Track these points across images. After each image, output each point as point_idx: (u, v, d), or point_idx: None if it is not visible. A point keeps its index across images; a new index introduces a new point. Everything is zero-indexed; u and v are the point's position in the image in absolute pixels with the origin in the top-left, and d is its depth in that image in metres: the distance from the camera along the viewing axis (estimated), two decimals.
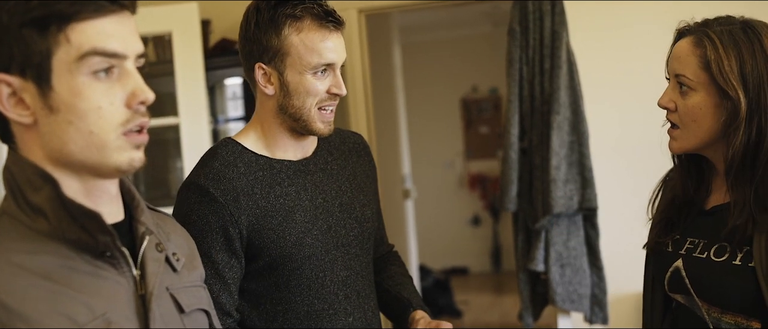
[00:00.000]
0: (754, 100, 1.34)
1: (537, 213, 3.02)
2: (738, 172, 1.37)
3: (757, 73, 1.34)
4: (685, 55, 1.41)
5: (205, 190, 1.48)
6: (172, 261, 1.14)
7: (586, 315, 3.10)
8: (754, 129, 1.34)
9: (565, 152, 2.96)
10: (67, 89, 0.97)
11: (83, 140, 0.98)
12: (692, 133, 1.43)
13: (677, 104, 1.44)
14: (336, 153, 1.69)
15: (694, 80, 1.39)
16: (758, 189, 1.35)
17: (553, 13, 2.99)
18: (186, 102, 3.19)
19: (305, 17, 1.49)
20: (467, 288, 6.80)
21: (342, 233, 1.60)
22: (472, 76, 7.44)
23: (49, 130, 0.98)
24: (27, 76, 0.97)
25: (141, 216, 1.11)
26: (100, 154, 0.99)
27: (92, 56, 0.97)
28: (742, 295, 1.35)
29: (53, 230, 0.98)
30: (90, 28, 0.97)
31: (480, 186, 7.55)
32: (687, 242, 1.49)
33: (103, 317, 0.97)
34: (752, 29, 1.37)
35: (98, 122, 0.98)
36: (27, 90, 0.97)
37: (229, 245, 1.49)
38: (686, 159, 1.54)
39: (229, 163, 1.52)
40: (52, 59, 0.96)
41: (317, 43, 1.50)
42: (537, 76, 3.03)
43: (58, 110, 0.97)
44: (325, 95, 1.53)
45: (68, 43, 0.96)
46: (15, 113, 0.98)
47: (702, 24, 1.43)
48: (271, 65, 1.52)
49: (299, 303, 1.55)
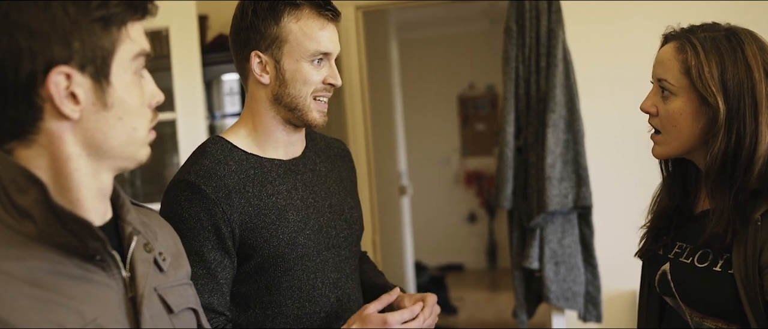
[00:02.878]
0: (733, 107, 1.34)
1: (532, 211, 3.03)
2: (717, 179, 1.37)
3: (737, 80, 1.34)
4: (668, 59, 1.42)
5: (197, 187, 1.46)
6: (158, 260, 1.12)
7: (580, 313, 3.11)
8: (733, 136, 1.34)
9: (560, 151, 2.96)
10: (123, 85, 1.00)
11: (126, 136, 1.01)
12: (673, 138, 1.43)
13: (659, 108, 1.44)
14: (323, 155, 1.69)
15: (675, 85, 1.40)
16: (737, 197, 1.35)
17: (550, 12, 2.99)
18: (183, 98, 3.19)
19: (304, 6, 1.51)
20: (463, 285, 6.81)
21: (332, 234, 1.60)
22: (469, 73, 7.44)
23: (95, 126, 0.98)
24: (86, 72, 0.96)
25: (127, 216, 1.09)
26: (135, 148, 1.04)
27: (142, 56, 1.03)
28: (722, 301, 1.36)
29: (41, 233, 0.96)
30: (139, 28, 1.02)
31: (476, 183, 7.56)
32: (676, 246, 1.50)
33: (94, 322, 0.95)
34: (736, 36, 1.37)
35: (140, 120, 1.03)
36: (82, 85, 0.96)
37: (221, 243, 1.47)
38: (673, 167, 1.54)
39: (219, 161, 1.51)
40: (114, 56, 0.99)
41: (315, 31, 1.51)
42: (533, 74, 3.04)
43: (111, 106, 0.99)
44: (321, 85, 1.54)
45: (130, 41, 1.00)
46: (68, 108, 0.96)
47: (687, 30, 1.43)
48: (268, 53, 1.52)
49: (290, 306, 1.54)
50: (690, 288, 1.43)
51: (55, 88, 0.94)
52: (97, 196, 1.02)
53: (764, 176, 1.34)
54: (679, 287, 1.45)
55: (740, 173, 1.34)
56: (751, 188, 1.35)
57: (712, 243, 1.38)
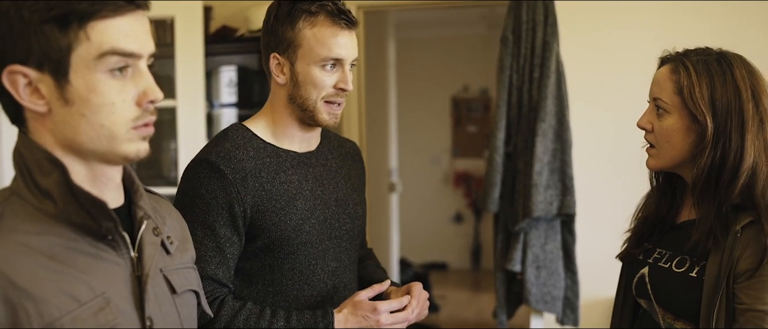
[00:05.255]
0: (721, 125, 1.45)
1: (517, 216, 3.11)
2: (702, 191, 1.48)
3: (725, 100, 1.45)
4: (663, 80, 1.53)
5: (216, 167, 1.56)
6: (166, 243, 1.20)
7: (558, 317, 3.19)
8: (719, 152, 1.45)
9: (548, 159, 3.04)
10: (83, 84, 1.01)
11: (94, 132, 1.03)
12: (666, 152, 1.54)
13: (654, 125, 1.55)
14: (335, 153, 1.79)
15: (668, 103, 1.51)
16: (720, 208, 1.46)
17: (546, 25, 3.07)
18: (184, 86, 3.25)
19: (320, 13, 1.59)
20: (446, 284, 6.87)
21: (336, 226, 1.70)
22: (464, 75, 7.49)
23: (63, 120, 1.03)
24: (44, 70, 1.00)
25: (140, 201, 1.17)
26: (110, 144, 1.04)
27: (111, 55, 1.01)
28: (694, 305, 1.46)
29: (59, 212, 1.03)
30: (109, 27, 1.01)
31: (465, 184, 7.61)
32: (656, 252, 1.61)
33: (103, 296, 1.04)
34: (725, 60, 1.48)
35: (110, 117, 1.03)
36: (43, 82, 1.01)
37: (232, 221, 1.57)
38: (662, 179, 1.65)
39: (239, 145, 1.61)
40: (71, 55, 1.00)
41: (328, 38, 1.59)
42: (526, 84, 3.11)
43: (72, 102, 1.01)
44: (332, 89, 1.62)
45: (88, 41, 1.00)
46: (30, 102, 1.02)
47: (681, 53, 1.54)
48: (285, 56, 1.62)
49: (290, 287, 1.64)
50: (666, 291, 1.54)
51: (12, 85, 1.01)
52: (93, 183, 1.08)
53: (746, 191, 1.45)
54: (656, 289, 1.56)
55: (724, 187, 1.45)
56: (734, 202, 1.46)
57: (693, 251, 1.49)
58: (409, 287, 1.68)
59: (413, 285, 1.69)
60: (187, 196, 1.57)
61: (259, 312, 1.56)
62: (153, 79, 1.08)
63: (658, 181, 1.67)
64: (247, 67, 3.70)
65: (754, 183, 1.44)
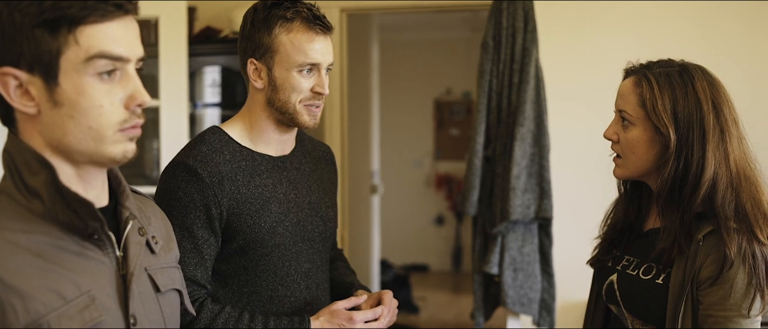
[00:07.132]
0: (683, 137, 1.49)
1: (495, 219, 3.16)
2: (666, 200, 1.52)
3: (687, 112, 1.49)
4: (627, 92, 1.57)
5: (194, 170, 1.59)
6: (151, 243, 1.22)
7: (535, 319, 3.25)
8: (682, 163, 1.49)
9: (526, 163, 3.10)
10: (72, 86, 1.03)
11: (81, 133, 1.05)
12: (631, 162, 1.58)
13: (619, 136, 1.59)
14: (309, 157, 1.83)
15: (633, 116, 1.55)
16: (684, 217, 1.50)
17: (526, 31, 3.12)
18: (167, 86, 3.25)
19: (296, 19, 1.62)
20: (426, 285, 6.90)
21: (308, 228, 1.74)
22: (446, 78, 7.54)
23: (51, 121, 1.05)
24: (34, 72, 1.03)
25: (126, 201, 1.19)
26: (97, 145, 1.07)
27: (99, 59, 1.04)
28: (660, 311, 1.51)
29: (47, 212, 1.06)
30: (98, 31, 1.03)
31: (446, 187, 7.66)
32: (624, 259, 1.65)
33: (88, 294, 1.06)
34: (687, 72, 1.52)
35: (98, 119, 1.05)
36: (33, 84, 1.03)
37: (210, 223, 1.60)
38: (630, 187, 1.70)
39: (216, 149, 1.64)
40: (60, 59, 1.02)
41: (304, 44, 1.62)
42: (505, 88, 3.16)
43: (61, 104, 1.04)
44: (309, 93, 1.65)
45: (77, 45, 1.02)
46: (20, 103, 1.05)
47: (644, 66, 1.58)
48: (262, 61, 1.65)
49: (264, 288, 1.68)
50: (634, 298, 1.58)
51: (3, 87, 1.04)
52: (80, 183, 1.11)
53: (708, 200, 1.49)
54: (624, 296, 1.60)
55: (687, 196, 1.49)
56: (697, 211, 1.50)
57: (659, 259, 1.54)
58: (380, 295, 1.73)
59: (384, 293, 1.73)
60: (164, 199, 1.60)
61: (237, 315, 1.59)
62: (141, 83, 1.10)
63: (626, 188, 1.71)
64: (231, 68, 3.72)
65: (714, 193, 1.48)
